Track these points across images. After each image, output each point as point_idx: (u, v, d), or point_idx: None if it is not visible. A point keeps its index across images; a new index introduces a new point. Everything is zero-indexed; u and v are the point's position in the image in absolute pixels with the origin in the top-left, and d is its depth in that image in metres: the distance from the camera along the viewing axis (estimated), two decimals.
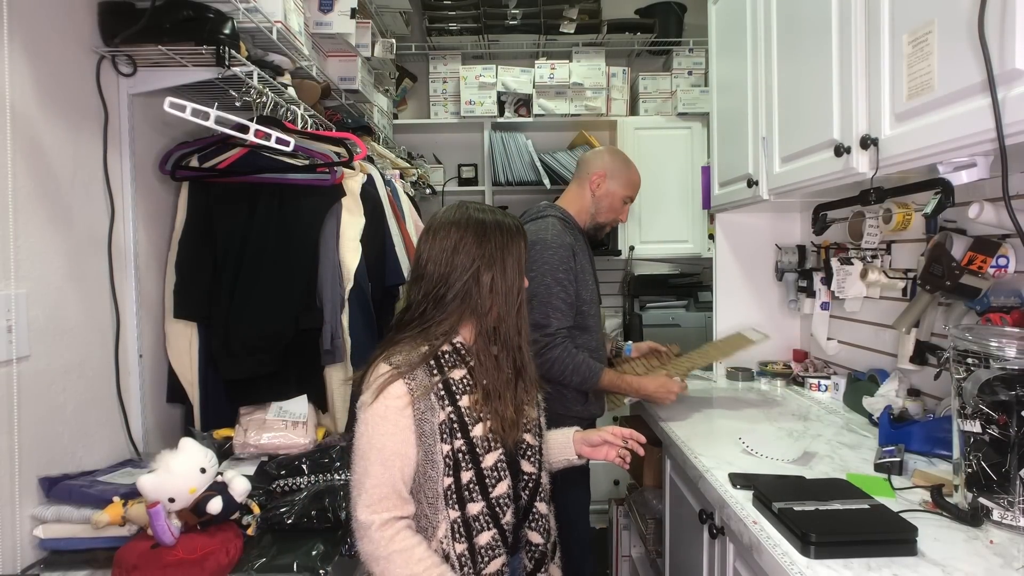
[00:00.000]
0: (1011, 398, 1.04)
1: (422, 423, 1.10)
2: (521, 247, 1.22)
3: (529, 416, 1.25)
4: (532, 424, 1.26)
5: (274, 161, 1.63)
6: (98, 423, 1.44)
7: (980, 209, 1.34)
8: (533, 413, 1.27)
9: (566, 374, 1.82)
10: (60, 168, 1.34)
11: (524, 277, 1.24)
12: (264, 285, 1.61)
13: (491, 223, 1.20)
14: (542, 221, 1.93)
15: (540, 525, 1.23)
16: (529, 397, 1.26)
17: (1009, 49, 0.95)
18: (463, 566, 1.10)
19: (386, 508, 1.07)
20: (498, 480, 1.15)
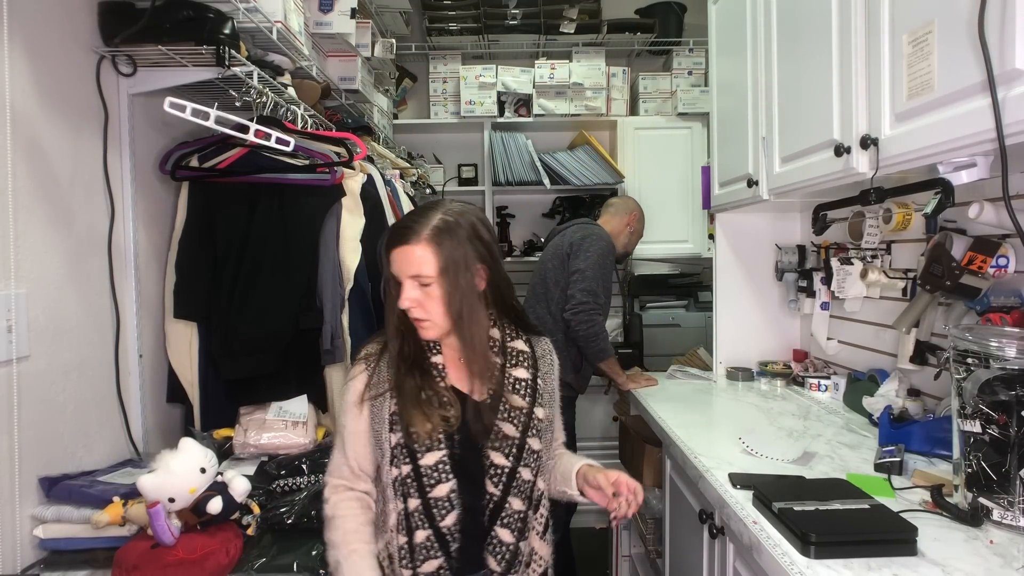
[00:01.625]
0: (1011, 398, 1.04)
1: (374, 409, 1.18)
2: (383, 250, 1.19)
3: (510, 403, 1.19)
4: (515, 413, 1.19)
5: (274, 161, 1.63)
6: (98, 423, 1.44)
7: (980, 209, 1.34)
8: (518, 401, 1.20)
9: (591, 341, 2.30)
10: (60, 168, 1.34)
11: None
12: (264, 285, 1.61)
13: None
14: (599, 229, 2.52)
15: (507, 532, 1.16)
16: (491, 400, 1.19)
17: (1009, 49, 0.95)
18: (402, 558, 1.13)
19: (338, 476, 1.20)
20: (438, 481, 1.14)
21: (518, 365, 1.23)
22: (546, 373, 1.27)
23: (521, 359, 1.25)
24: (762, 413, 1.88)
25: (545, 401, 1.24)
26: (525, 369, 1.24)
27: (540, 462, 1.22)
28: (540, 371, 1.26)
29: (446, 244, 1.13)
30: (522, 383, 1.22)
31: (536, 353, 1.27)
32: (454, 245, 1.14)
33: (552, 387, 1.28)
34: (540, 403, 1.23)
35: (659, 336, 3.22)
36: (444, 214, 1.16)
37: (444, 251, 1.13)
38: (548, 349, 1.31)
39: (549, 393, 1.26)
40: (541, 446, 1.22)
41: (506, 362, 1.23)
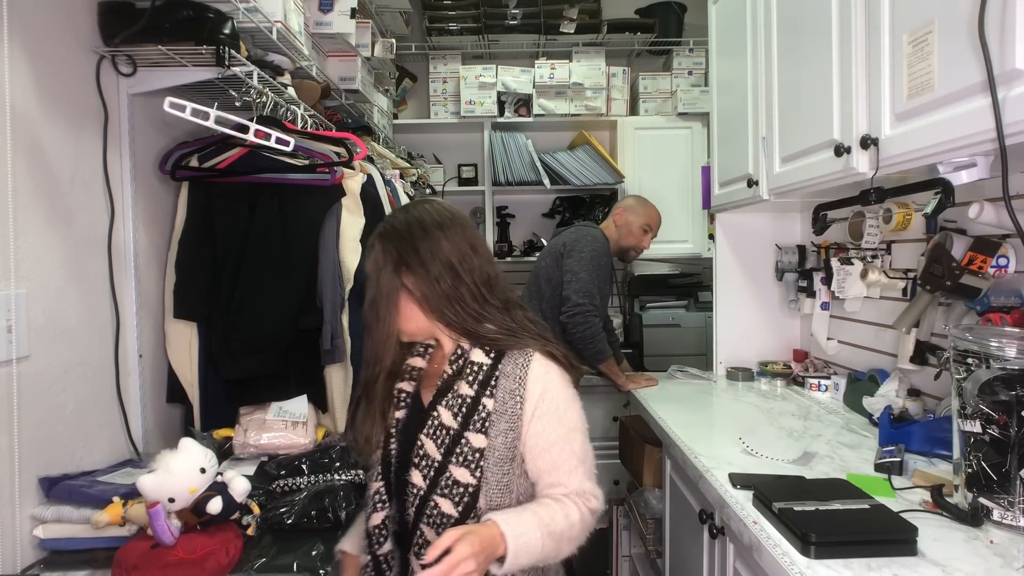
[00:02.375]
0: (1011, 398, 1.04)
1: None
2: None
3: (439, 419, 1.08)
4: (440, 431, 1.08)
5: (274, 161, 1.63)
6: (98, 423, 1.44)
7: (980, 209, 1.34)
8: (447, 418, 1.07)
9: (588, 343, 2.29)
10: (60, 168, 1.34)
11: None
12: (264, 285, 1.61)
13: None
14: (595, 231, 2.52)
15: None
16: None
17: (1009, 49, 0.95)
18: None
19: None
20: (373, 478, 1.16)
21: (464, 379, 1.08)
22: (509, 393, 1.06)
23: (470, 372, 1.08)
24: (762, 413, 1.88)
25: (492, 430, 1.05)
26: (469, 384, 1.08)
27: (473, 500, 1.04)
28: (495, 391, 1.06)
29: (401, 241, 1.11)
30: (459, 399, 1.07)
31: (499, 370, 1.08)
32: (416, 239, 1.10)
33: (519, 413, 1.06)
34: (477, 429, 1.05)
35: (659, 336, 3.22)
36: (394, 213, 1.18)
37: (402, 247, 1.10)
38: (524, 370, 1.07)
39: (509, 420, 1.05)
40: (474, 480, 1.04)
41: (461, 373, 1.09)
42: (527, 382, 1.07)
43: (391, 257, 1.10)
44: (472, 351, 1.10)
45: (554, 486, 1.08)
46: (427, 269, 1.09)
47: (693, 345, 3.16)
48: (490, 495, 1.05)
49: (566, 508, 1.04)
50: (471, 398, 1.07)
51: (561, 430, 1.08)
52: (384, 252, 1.11)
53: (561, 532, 1.02)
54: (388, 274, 1.10)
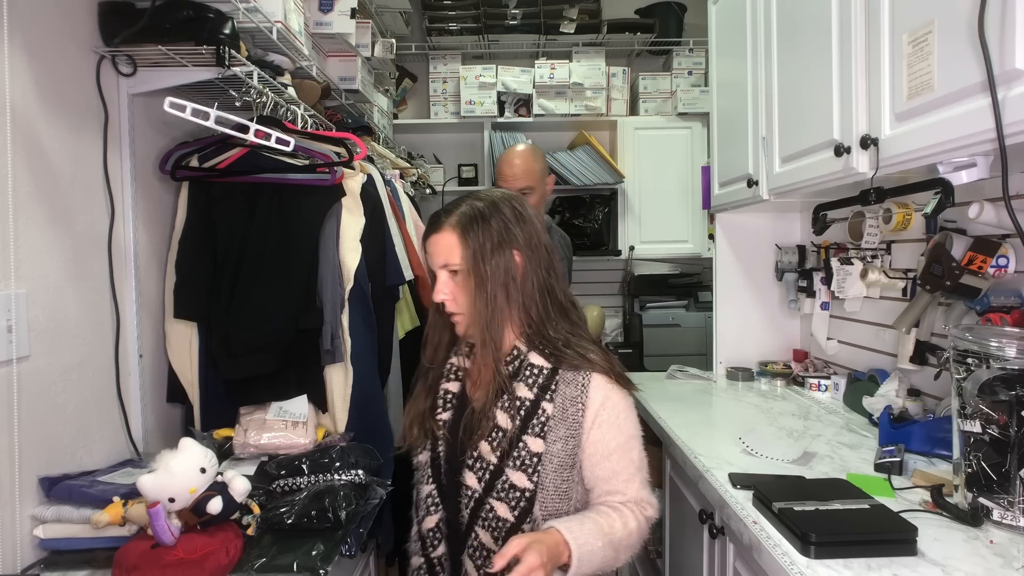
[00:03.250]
0: (1011, 398, 1.04)
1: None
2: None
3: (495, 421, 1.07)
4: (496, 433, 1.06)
5: (274, 161, 1.63)
6: (98, 423, 1.44)
7: (980, 209, 1.34)
8: (503, 420, 1.06)
9: None
10: (60, 168, 1.34)
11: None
12: (264, 285, 1.61)
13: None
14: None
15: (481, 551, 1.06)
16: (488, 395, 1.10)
17: (1009, 49, 0.95)
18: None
19: None
20: (422, 480, 1.18)
21: (523, 381, 1.08)
22: (570, 399, 1.07)
23: (529, 375, 1.08)
24: (762, 413, 1.88)
25: (551, 435, 1.05)
26: (529, 387, 1.07)
27: (530, 505, 1.03)
28: (555, 396, 1.06)
29: (474, 229, 1.06)
30: (517, 402, 1.06)
31: (559, 375, 1.08)
32: (484, 230, 1.06)
33: (580, 419, 1.06)
34: (536, 433, 1.05)
35: (659, 336, 3.22)
36: (475, 199, 1.11)
37: (472, 237, 1.06)
38: (587, 377, 1.08)
39: (569, 425, 1.06)
40: (531, 485, 1.03)
41: (518, 375, 1.08)
42: (589, 389, 1.07)
43: (492, 236, 1.06)
44: (530, 354, 1.09)
45: (612, 494, 1.08)
46: (533, 252, 1.09)
47: (693, 345, 3.16)
48: (546, 501, 1.05)
49: (624, 517, 1.05)
50: (530, 401, 1.06)
51: (621, 438, 1.08)
52: (483, 231, 1.06)
53: (620, 540, 1.03)
54: (494, 253, 1.06)
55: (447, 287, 1.08)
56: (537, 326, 1.10)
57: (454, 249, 1.07)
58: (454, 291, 1.08)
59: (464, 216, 1.08)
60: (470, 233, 1.07)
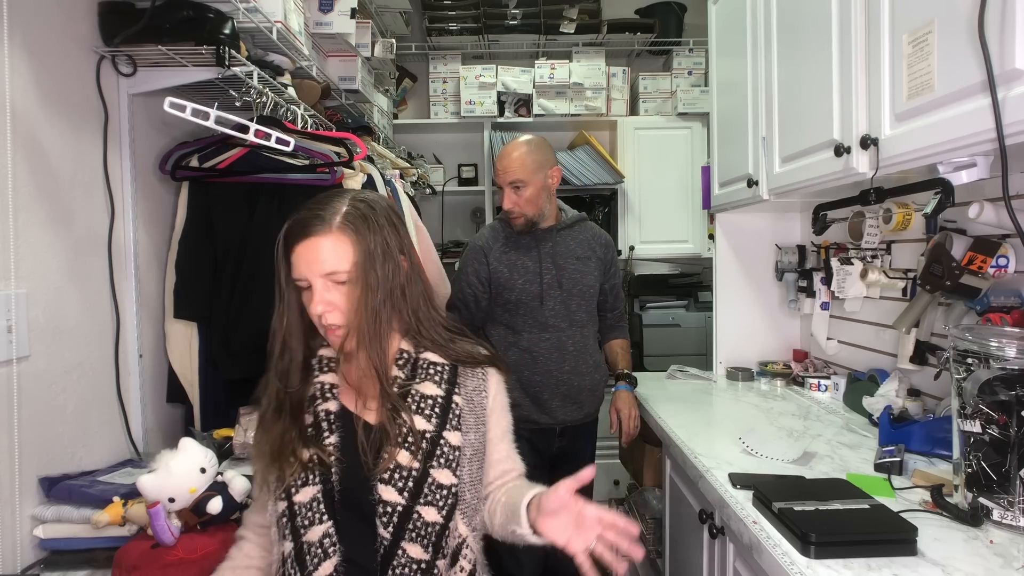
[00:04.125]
0: (1011, 398, 1.04)
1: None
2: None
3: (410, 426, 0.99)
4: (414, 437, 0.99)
5: (274, 161, 1.63)
6: (98, 423, 1.44)
7: (980, 209, 1.34)
8: (420, 423, 1.00)
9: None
10: (60, 168, 1.34)
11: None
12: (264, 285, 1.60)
13: None
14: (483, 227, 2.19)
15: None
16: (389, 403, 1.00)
17: (1009, 49, 0.95)
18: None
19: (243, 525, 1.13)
20: (311, 522, 0.96)
21: (427, 379, 1.04)
22: (474, 390, 1.07)
23: (433, 372, 1.05)
24: (762, 413, 1.88)
25: (468, 425, 1.04)
26: (436, 384, 1.04)
27: (456, 500, 0.99)
28: (461, 387, 1.06)
29: (363, 231, 0.97)
30: (428, 401, 1.02)
31: (460, 371, 1.07)
32: (372, 232, 0.98)
33: (485, 408, 1.07)
34: (454, 426, 1.02)
35: (659, 336, 3.22)
36: (354, 199, 1.01)
37: (361, 240, 0.97)
38: (484, 368, 1.10)
39: (477, 415, 1.06)
40: (456, 480, 0.99)
41: (414, 375, 1.04)
42: (487, 377, 1.10)
43: (381, 239, 0.99)
44: (423, 353, 1.06)
45: (508, 472, 1.11)
46: (413, 258, 1.04)
47: (693, 345, 3.16)
48: (465, 494, 1.01)
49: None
50: (442, 397, 1.03)
51: (505, 422, 1.13)
52: (373, 233, 0.98)
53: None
54: (385, 258, 0.99)
55: (328, 297, 0.96)
56: (426, 330, 1.06)
57: (344, 254, 0.96)
58: (335, 302, 0.97)
59: (351, 216, 0.98)
60: (360, 236, 0.97)
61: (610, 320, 2.18)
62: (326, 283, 0.96)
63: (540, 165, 1.94)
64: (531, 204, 1.94)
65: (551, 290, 1.97)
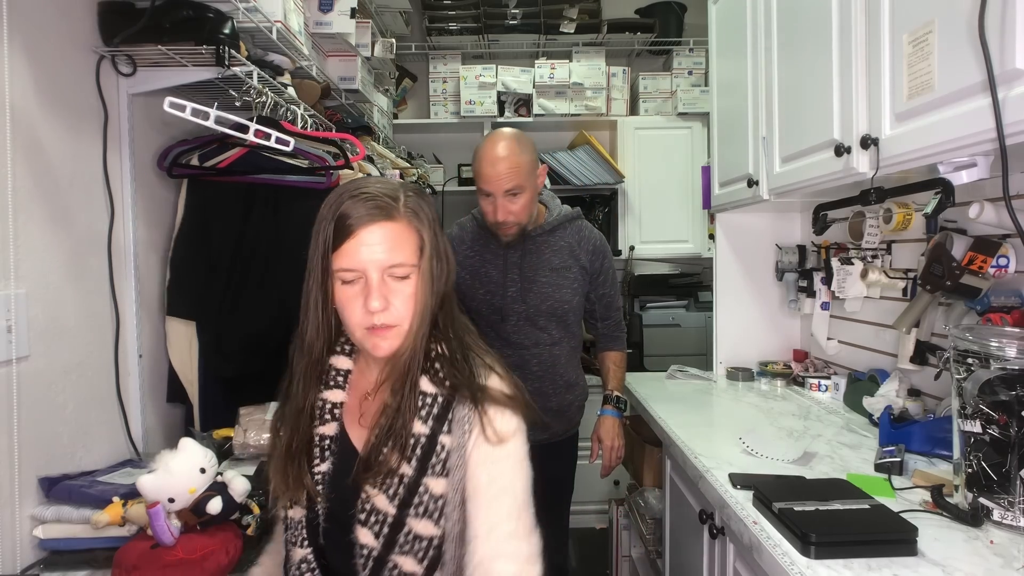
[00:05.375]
0: (1011, 398, 1.04)
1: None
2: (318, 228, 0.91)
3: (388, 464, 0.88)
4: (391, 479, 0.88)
5: (273, 162, 1.63)
6: (98, 423, 1.44)
7: (980, 209, 1.34)
8: (397, 463, 0.88)
9: None
10: (60, 168, 1.34)
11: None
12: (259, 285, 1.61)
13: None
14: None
15: None
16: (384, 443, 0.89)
17: (1009, 49, 0.95)
18: None
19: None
20: (295, 543, 0.94)
21: (415, 414, 0.89)
22: (460, 428, 0.89)
23: (423, 405, 0.89)
24: (762, 413, 1.87)
25: (453, 471, 0.88)
26: (422, 421, 0.88)
27: (439, 554, 0.88)
28: (452, 425, 0.89)
29: (425, 222, 0.90)
30: (412, 440, 0.88)
31: (456, 401, 0.90)
32: (431, 223, 0.91)
33: (464, 446, 0.89)
34: (437, 472, 0.88)
35: (659, 336, 3.22)
36: (405, 187, 0.92)
37: (427, 231, 0.90)
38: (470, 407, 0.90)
39: (458, 455, 0.88)
40: (437, 532, 0.87)
41: (406, 405, 0.89)
42: (475, 412, 0.90)
43: (439, 231, 0.91)
44: (419, 379, 0.90)
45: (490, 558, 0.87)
46: (438, 259, 0.92)
47: (693, 345, 3.16)
48: (450, 547, 0.88)
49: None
50: (426, 436, 0.88)
51: (503, 471, 0.90)
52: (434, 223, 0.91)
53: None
54: (444, 258, 0.91)
55: (384, 292, 0.86)
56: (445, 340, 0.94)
57: (411, 245, 0.88)
58: (390, 299, 0.87)
59: (414, 204, 0.90)
60: (424, 226, 0.90)
61: (602, 330, 2.01)
62: (384, 276, 0.87)
63: (533, 165, 1.75)
64: (526, 211, 1.75)
65: (514, 304, 1.81)
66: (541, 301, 1.83)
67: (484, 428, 0.89)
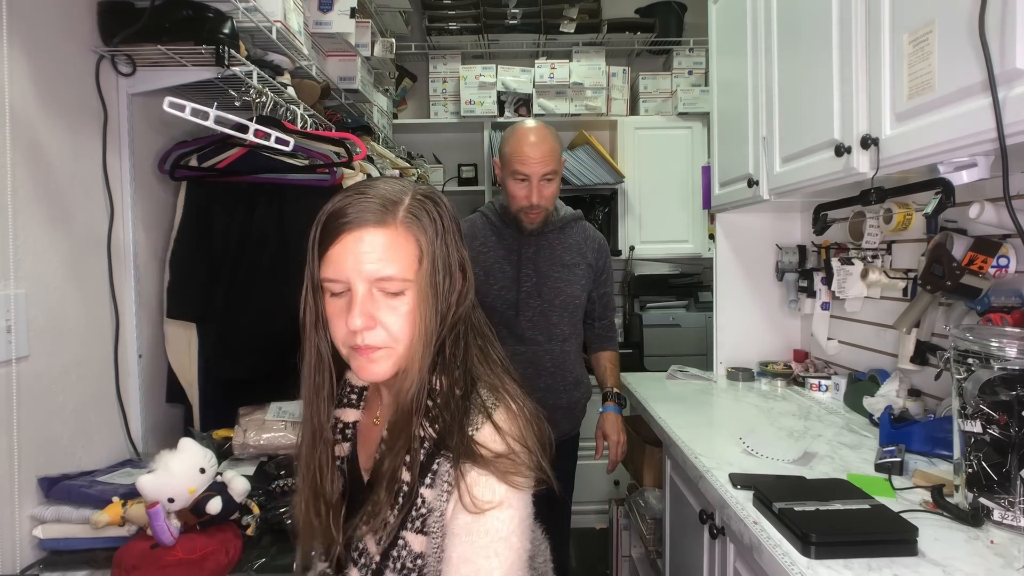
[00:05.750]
0: (1011, 398, 1.03)
1: None
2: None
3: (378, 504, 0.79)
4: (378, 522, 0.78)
5: (273, 161, 1.63)
6: (98, 423, 1.44)
7: (981, 209, 1.34)
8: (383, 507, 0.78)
9: None
10: (60, 168, 1.34)
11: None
12: (263, 285, 1.61)
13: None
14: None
15: None
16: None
17: (1009, 49, 0.95)
18: None
19: None
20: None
21: (399, 456, 0.78)
22: (443, 481, 0.77)
23: (407, 450, 0.78)
24: (762, 413, 1.87)
25: (431, 528, 0.77)
26: (406, 466, 0.78)
27: None
28: (436, 478, 0.78)
29: (430, 232, 0.78)
30: (395, 485, 0.78)
31: (443, 449, 0.78)
32: (439, 235, 0.78)
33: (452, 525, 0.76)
34: (416, 528, 0.77)
35: (659, 336, 3.22)
36: (415, 190, 0.81)
37: (429, 242, 0.77)
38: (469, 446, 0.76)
39: (440, 513, 0.77)
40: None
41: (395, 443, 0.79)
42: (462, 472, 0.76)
43: (454, 247, 0.80)
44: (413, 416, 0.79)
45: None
46: (467, 275, 0.83)
47: (693, 345, 3.16)
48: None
49: None
50: (407, 485, 0.77)
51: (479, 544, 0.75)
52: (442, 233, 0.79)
53: None
54: (451, 271, 0.80)
55: (370, 309, 0.75)
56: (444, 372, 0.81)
57: (406, 257, 0.75)
58: (378, 316, 0.76)
59: (418, 210, 0.78)
60: (427, 237, 0.77)
61: (598, 329, 2.04)
62: (371, 291, 0.76)
63: (561, 153, 1.80)
64: (553, 198, 1.76)
65: (529, 299, 1.83)
66: (555, 295, 1.87)
67: (461, 494, 0.75)
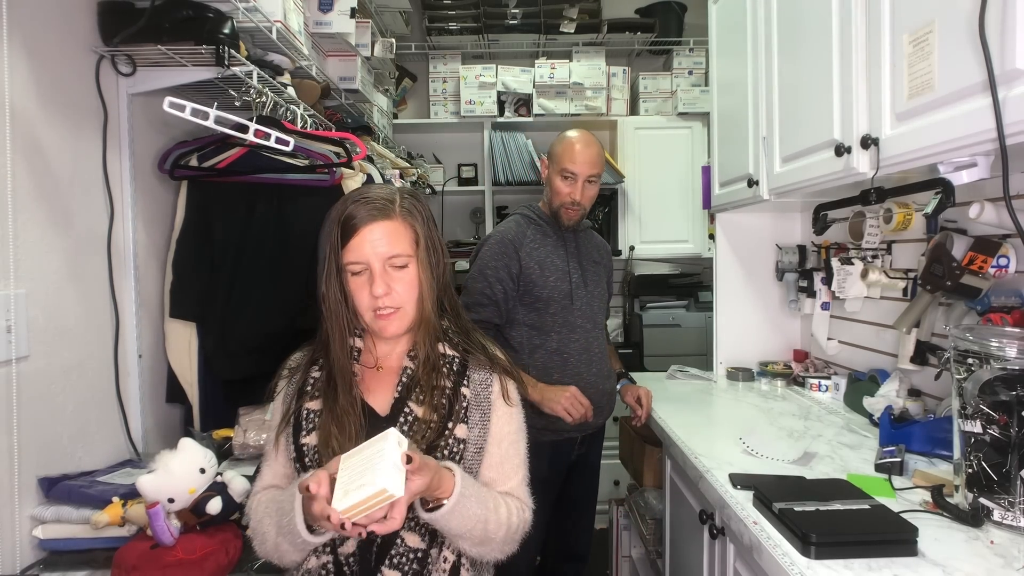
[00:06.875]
0: (1012, 398, 1.03)
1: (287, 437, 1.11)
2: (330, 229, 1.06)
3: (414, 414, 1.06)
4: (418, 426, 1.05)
5: (273, 161, 1.63)
6: (98, 423, 1.44)
7: (981, 209, 1.34)
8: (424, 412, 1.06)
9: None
10: (60, 168, 1.34)
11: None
12: (263, 285, 1.61)
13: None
14: (504, 221, 2.03)
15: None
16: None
17: (1009, 49, 0.95)
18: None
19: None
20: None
21: (435, 371, 1.07)
22: (480, 386, 1.09)
23: (443, 363, 1.09)
24: (762, 413, 1.87)
25: (471, 420, 1.06)
26: (445, 376, 1.07)
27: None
28: (471, 382, 1.09)
29: (419, 220, 1.08)
30: (435, 393, 1.05)
31: (470, 361, 1.11)
32: (425, 222, 1.09)
33: (488, 403, 1.09)
34: (460, 419, 1.05)
35: (659, 336, 3.22)
36: (402, 192, 1.10)
37: (420, 227, 1.07)
38: (491, 362, 1.11)
39: (481, 412, 1.07)
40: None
41: (425, 365, 1.08)
42: (494, 373, 1.11)
43: (432, 226, 1.09)
44: (437, 344, 1.10)
45: (495, 481, 1.07)
46: (433, 250, 1.10)
47: (693, 345, 3.16)
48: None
49: (508, 504, 1.04)
50: (449, 388, 1.06)
51: (513, 426, 1.11)
52: (428, 220, 1.09)
53: (496, 525, 1.01)
54: (438, 251, 1.10)
55: (387, 280, 1.03)
56: (450, 318, 1.14)
57: (406, 238, 1.05)
58: (392, 285, 1.04)
59: (409, 205, 1.08)
60: (418, 223, 1.07)
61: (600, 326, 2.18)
62: (384, 267, 1.03)
63: (604, 163, 1.98)
64: (591, 201, 1.96)
65: (578, 289, 1.95)
66: (595, 286, 2.03)
67: (503, 391, 1.10)
